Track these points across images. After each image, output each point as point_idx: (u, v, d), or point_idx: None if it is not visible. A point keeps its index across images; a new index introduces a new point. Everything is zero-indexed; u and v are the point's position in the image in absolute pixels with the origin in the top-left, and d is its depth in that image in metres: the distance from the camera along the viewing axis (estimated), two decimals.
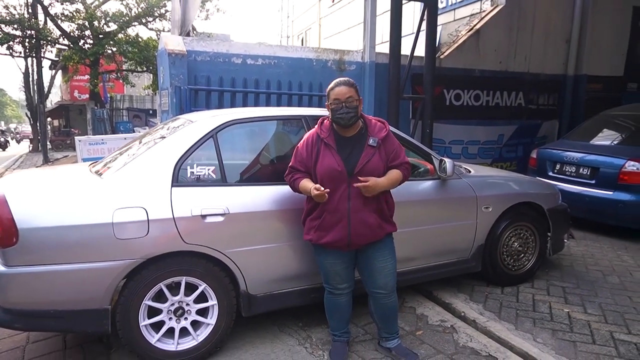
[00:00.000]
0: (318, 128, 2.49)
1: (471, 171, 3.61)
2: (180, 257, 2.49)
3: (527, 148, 7.79)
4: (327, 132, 2.45)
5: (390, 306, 2.56)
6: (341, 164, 2.35)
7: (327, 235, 2.41)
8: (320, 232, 2.43)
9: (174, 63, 5.20)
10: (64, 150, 21.53)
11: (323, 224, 2.41)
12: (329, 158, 2.38)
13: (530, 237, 3.66)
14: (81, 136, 6.27)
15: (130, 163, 2.57)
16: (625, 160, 4.76)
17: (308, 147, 2.45)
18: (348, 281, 2.58)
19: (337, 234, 2.39)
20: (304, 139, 2.52)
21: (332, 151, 2.39)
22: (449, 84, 7.14)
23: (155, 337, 2.49)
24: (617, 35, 8.15)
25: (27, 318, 2.32)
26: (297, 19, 24.36)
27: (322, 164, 2.38)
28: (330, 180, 2.35)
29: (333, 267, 2.52)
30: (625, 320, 3.07)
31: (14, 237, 2.20)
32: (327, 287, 2.61)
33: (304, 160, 2.46)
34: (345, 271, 2.55)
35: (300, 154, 2.48)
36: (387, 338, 2.66)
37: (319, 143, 2.43)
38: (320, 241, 2.44)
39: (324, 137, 2.42)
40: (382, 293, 2.52)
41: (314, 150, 2.42)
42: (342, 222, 2.37)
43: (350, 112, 2.35)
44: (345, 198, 2.36)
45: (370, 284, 2.55)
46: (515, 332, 2.90)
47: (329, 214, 2.38)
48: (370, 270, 2.51)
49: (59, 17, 15.54)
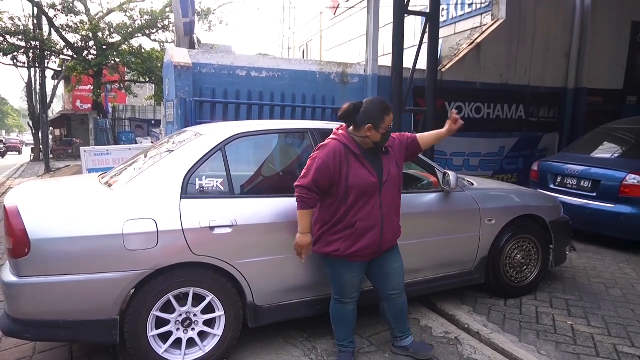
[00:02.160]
0: (341, 139, 2.47)
1: (474, 184, 3.66)
2: (188, 268, 2.51)
3: (527, 160, 7.85)
4: (352, 143, 2.46)
5: (402, 305, 2.70)
6: (374, 174, 2.44)
7: (358, 243, 2.45)
8: (350, 241, 2.45)
9: (179, 75, 5.27)
10: (65, 160, 21.61)
11: (355, 232, 2.43)
12: (362, 170, 2.42)
13: (533, 250, 3.68)
14: (86, 147, 6.32)
15: (140, 175, 2.61)
16: (627, 173, 4.80)
17: (336, 160, 2.39)
18: (359, 290, 2.64)
19: (369, 240, 2.45)
20: (327, 151, 2.42)
21: (363, 162, 2.44)
22: (451, 97, 7.21)
23: (162, 348, 2.51)
24: (617, 49, 8.25)
25: (37, 328, 2.34)
26: (299, 31, 24.61)
27: (356, 176, 2.40)
28: (366, 191, 2.42)
29: (352, 280, 2.56)
30: (629, 333, 3.09)
31: (26, 248, 2.23)
32: (338, 297, 2.64)
33: (330, 174, 2.39)
34: (360, 282, 2.62)
35: (326, 167, 2.38)
36: (401, 337, 2.78)
37: (347, 155, 2.43)
38: (349, 250, 2.45)
39: (353, 149, 2.44)
40: (396, 294, 2.65)
41: (343, 162, 2.41)
42: (376, 229, 2.46)
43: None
44: (378, 206, 2.46)
45: (385, 287, 2.65)
46: (519, 344, 2.92)
47: (362, 222, 2.43)
48: (386, 273, 2.62)
49: (63, 28, 15.72)
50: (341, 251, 2.47)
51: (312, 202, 2.45)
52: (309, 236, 2.50)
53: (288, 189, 2.73)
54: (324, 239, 2.52)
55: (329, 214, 2.49)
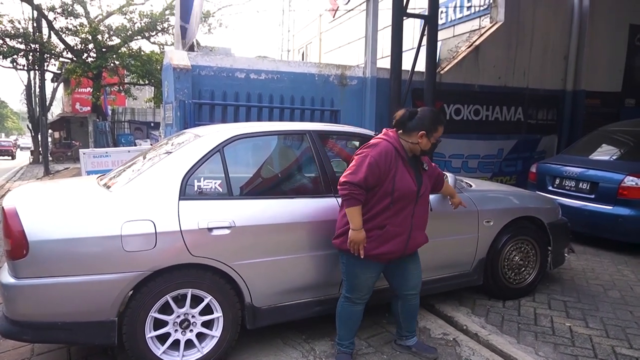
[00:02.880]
0: (394, 142, 2.48)
1: (472, 185, 3.66)
2: (186, 270, 2.51)
3: (526, 162, 7.87)
4: (402, 148, 2.50)
5: (416, 306, 2.79)
6: (416, 184, 2.49)
7: (383, 246, 2.47)
8: (376, 242, 2.46)
9: (178, 77, 5.28)
10: (64, 162, 21.61)
11: (384, 235, 2.46)
12: (408, 177, 2.47)
13: (531, 251, 3.69)
14: (85, 149, 6.32)
15: (138, 177, 2.61)
16: (625, 175, 4.81)
17: (387, 160, 2.41)
18: (370, 292, 2.66)
19: (394, 246, 2.49)
20: (379, 150, 2.42)
21: (410, 170, 2.49)
22: (449, 99, 7.24)
23: (160, 349, 2.51)
24: (615, 51, 8.29)
25: (35, 330, 2.34)
26: (298, 33, 24.67)
27: (402, 181, 2.43)
28: (406, 197, 2.46)
29: (367, 280, 2.59)
30: (627, 335, 3.09)
31: (25, 250, 2.23)
32: (350, 296, 2.64)
33: (379, 173, 2.39)
34: (373, 283, 2.64)
35: (376, 166, 2.38)
36: (407, 337, 2.83)
37: (397, 158, 2.46)
38: (373, 251, 2.46)
39: (402, 154, 2.48)
40: (412, 294, 2.72)
41: (393, 164, 2.43)
42: (403, 236, 2.50)
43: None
44: (410, 215, 2.50)
45: (403, 287, 2.70)
46: (517, 345, 2.92)
47: (392, 227, 2.46)
48: (405, 274, 2.68)
49: (63, 31, 15.74)
50: (365, 250, 2.45)
51: (362, 198, 2.41)
52: (362, 232, 2.42)
53: (286, 190, 2.75)
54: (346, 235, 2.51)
55: (368, 213, 2.47)
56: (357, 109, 6.52)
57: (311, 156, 2.95)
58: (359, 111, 6.53)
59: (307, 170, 3.07)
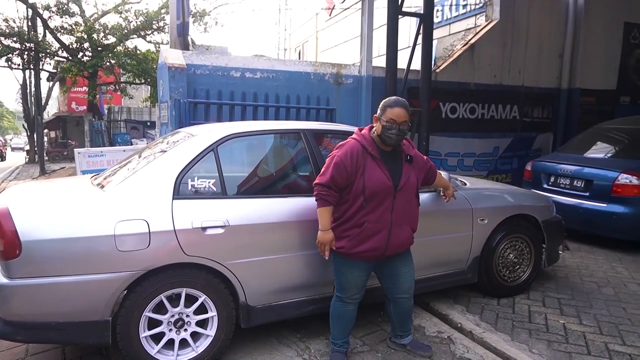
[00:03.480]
0: (360, 139, 2.50)
1: (466, 184, 3.68)
2: (180, 269, 2.51)
3: (522, 160, 7.90)
4: (370, 144, 2.48)
5: (409, 308, 2.75)
6: (390, 178, 2.45)
7: (363, 244, 2.46)
8: (355, 241, 2.46)
9: (173, 76, 5.27)
10: (60, 161, 21.53)
11: (363, 233, 2.44)
12: (378, 172, 2.44)
13: (526, 249, 3.70)
14: (80, 148, 6.31)
15: (132, 176, 2.61)
16: (619, 172, 4.83)
17: (353, 159, 2.43)
18: (361, 292, 2.65)
19: (374, 244, 2.46)
20: (345, 150, 2.46)
21: (379, 164, 2.45)
22: (445, 97, 7.24)
23: (155, 349, 2.51)
24: (609, 49, 8.31)
25: (29, 330, 2.34)
26: (295, 32, 24.65)
27: (372, 177, 2.42)
28: (379, 193, 2.42)
29: (355, 279, 2.58)
30: (620, 332, 3.11)
31: (17, 250, 2.22)
32: (341, 295, 2.64)
33: (346, 173, 2.41)
34: (363, 283, 2.63)
35: (343, 166, 2.41)
36: (401, 336, 2.84)
37: (364, 155, 2.45)
38: (353, 250, 2.47)
39: (370, 150, 2.46)
40: (405, 297, 2.69)
41: (360, 162, 2.43)
42: (382, 233, 2.46)
43: (400, 135, 2.45)
44: (389, 210, 2.46)
45: (395, 290, 2.67)
46: (511, 343, 2.93)
47: (370, 224, 2.44)
48: (396, 277, 2.65)
49: (58, 30, 15.66)
50: (346, 249, 2.49)
51: (331, 199, 2.46)
52: (329, 233, 2.49)
53: (281, 189, 2.75)
54: (336, 235, 2.53)
55: (339, 212, 2.50)
56: (352, 107, 6.52)
57: (306, 155, 2.95)
58: (355, 110, 6.53)
59: (301, 169, 3.07)
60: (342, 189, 2.46)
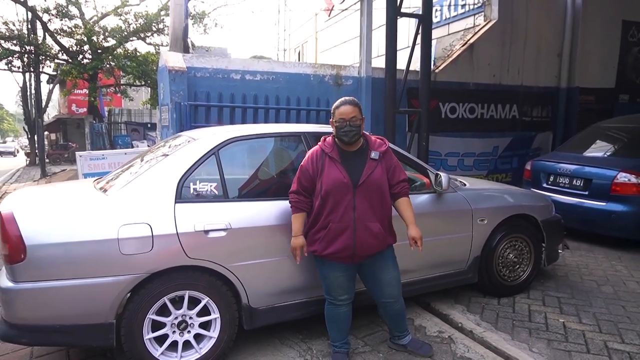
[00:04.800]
0: (322, 144, 2.60)
1: (466, 184, 3.70)
2: (183, 272, 2.54)
3: (521, 159, 7.92)
4: (330, 147, 2.56)
5: (399, 310, 2.74)
6: (346, 175, 2.48)
7: (332, 245, 2.49)
8: (324, 242, 2.51)
9: (174, 79, 5.30)
10: (61, 164, 21.57)
11: (329, 234, 2.49)
12: (334, 170, 2.49)
13: (525, 249, 3.73)
14: (82, 152, 6.33)
15: (134, 180, 2.63)
16: (617, 171, 4.86)
17: (313, 162, 2.55)
18: (349, 292, 2.66)
19: (342, 244, 2.48)
20: (307, 155, 2.61)
21: (336, 164, 2.51)
22: (444, 97, 7.27)
23: (159, 351, 2.53)
24: (608, 48, 8.34)
25: (34, 333, 2.37)
26: (294, 32, 24.64)
27: (328, 176, 2.49)
28: (336, 191, 2.47)
29: (336, 279, 2.60)
30: (619, 330, 3.14)
31: (22, 254, 2.26)
32: (329, 298, 2.68)
33: (309, 175, 2.55)
34: (347, 283, 2.64)
35: (305, 170, 2.56)
36: (399, 336, 2.84)
37: (323, 157, 2.54)
38: (324, 252, 2.52)
39: (328, 152, 2.53)
40: (389, 301, 2.68)
41: (319, 164, 2.53)
42: (348, 232, 2.48)
43: (353, 130, 2.48)
44: (351, 208, 2.47)
45: (378, 294, 2.68)
46: (511, 342, 2.96)
47: (334, 224, 2.48)
48: (377, 282, 2.65)
49: (58, 32, 15.69)
50: (318, 251, 2.56)
51: (302, 205, 2.58)
52: (300, 238, 2.59)
53: (282, 192, 2.77)
54: (309, 239, 2.61)
55: (312, 215, 2.58)
56: None
57: None
58: None
59: None
60: (311, 193, 2.57)
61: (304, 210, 2.59)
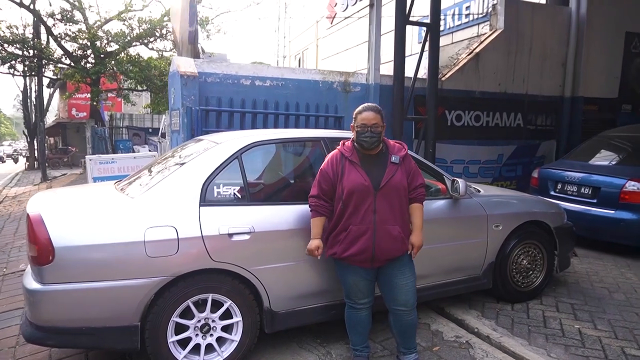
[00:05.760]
0: (341, 148, 2.64)
1: (480, 191, 3.74)
2: (207, 275, 2.56)
3: (526, 167, 7.98)
4: (350, 151, 2.59)
5: (410, 323, 2.66)
6: (367, 178, 2.50)
7: (352, 248, 2.51)
8: (344, 245, 2.52)
9: (185, 84, 5.33)
10: (60, 168, 21.53)
11: (349, 236, 2.51)
12: (355, 174, 2.51)
13: (538, 255, 3.76)
14: (91, 155, 6.35)
15: (159, 183, 2.66)
16: (626, 180, 4.91)
17: (333, 166, 2.57)
18: (369, 296, 2.67)
19: (362, 246, 2.49)
20: (327, 159, 2.64)
21: (357, 168, 2.53)
22: (451, 105, 7.33)
23: (182, 354, 2.55)
24: (611, 58, 8.43)
25: (60, 335, 2.38)
26: (294, 39, 24.74)
27: (349, 179, 2.51)
28: (357, 194, 2.49)
29: (356, 283, 2.61)
30: (635, 336, 3.16)
31: (51, 256, 2.27)
32: (349, 302, 2.70)
33: (329, 179, 2.57)
34: (367, 287, 2.65)
35: (325, 173, 2.59)
36: (404, 353, 2.73)
37: (343, 161, 2.57)
38: (344, 254, 2.53)
39: (348, 156, 2.56)
40: (403, 310, 2.61)
41: (339, 168, 2.56)
42: (368, 234, 2.49)
43: (374, 137, 2.52)
44: (372, 211, 2.49)
45: (391, 301, 2.64)
46: (529, 347, 2.98)
47: (355, 227, 2.50)
48: (392, 287, 2.61)
49: (61, 37, 15.73)
50: (338, 254, 2.57)
51: (322, 210, 2.59)
52: (316, 240, 2.59)
53: (302, 196, 2.79)
54: (329, 242, 2.62)
55: (333, 219, 2.59)
56: None
57: None
58: None
59: None
60: (331, 197, 2.58)
61: (323, 214, 2.61)
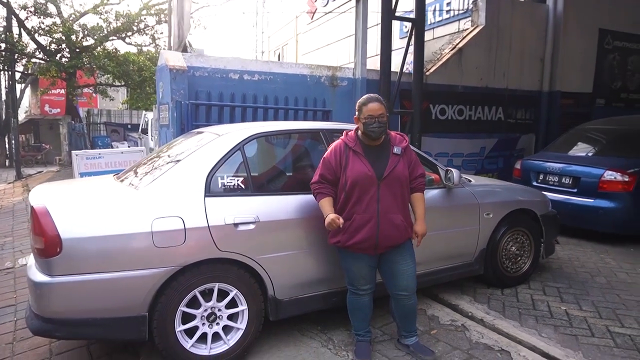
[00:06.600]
0: (345, 138, 2.69)
1: (472, 180, 3.86)
2: (213, 264, 2.59)
3: (507, 160, 8.23)
4: (353, 141, 2.65)
5: (410, 307, 2.76)
6: (371, 168, 2.57)
7: (356, 236, 2.58)
8: (348, 233, 2.59)
9: (174, 78, 5.31)
10: (34, 166, 20.90)
11: (353, 225, 2.58)
12: (359, 164, 2.58)
13: (526, 242, 3.92)
14: (78, 150, 6.24)
15: (163, 175, 2.67)
16: (604, 170, 5.14)
17: (336, 156, 2.63)
18: (371, 282, 2.76)
19: (365, 234, 2.56)
20: (330, 149, 2.69)
21: (360, 158, 2.60)
22: (435, 99, 7.48)
23: (189, 343, 2.57)
24: (586, 54, 8.75)
25: (68, 327, 2.38)
26: (274, 35, 24.58)
27: (353, 170, 2.57)
28: (361, 183, 2.55)
29: (359, 270, 2.69)
30: (618, 315, 3.35)
31: (58, 247, 2.27)
32: (351, 288, 2.77)
33: (332, 168, 2.62)
34: (370, 273, 2.73)
35: (328, 162, 2.64)
36: (405, 336, 2.85)
37: (347, 151, 2.62)
38: (348, 242, 2.60)
39: (352, 146, 2.62)
40: (404, 294, 2.71)
41: (343, 158, 2.61)
42: (372, 222, 2.56)
43: (381, 127, 2.58)
44: (375, 200, 2.56)
45: (393, 286, 2.74)
46: (521, 328, 3.13)
47: (359, 215, 2.57)
48: (394, 273, 2.70)
49: (35, 30, 15.28)
50: (342, 242, 2.63)
51: (326, 190, 2.64)
52: (332, 215, 2.55)
53: (304, 186, 2.86)
54: (332, 231, 2.66)
55: (336, 209, 2.64)
56: (348, 109, 6.63)
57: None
58: (350, 111, 6.57)
59: None
60: (333, 184, 2.64)
61: (328, 194, 2.64)
